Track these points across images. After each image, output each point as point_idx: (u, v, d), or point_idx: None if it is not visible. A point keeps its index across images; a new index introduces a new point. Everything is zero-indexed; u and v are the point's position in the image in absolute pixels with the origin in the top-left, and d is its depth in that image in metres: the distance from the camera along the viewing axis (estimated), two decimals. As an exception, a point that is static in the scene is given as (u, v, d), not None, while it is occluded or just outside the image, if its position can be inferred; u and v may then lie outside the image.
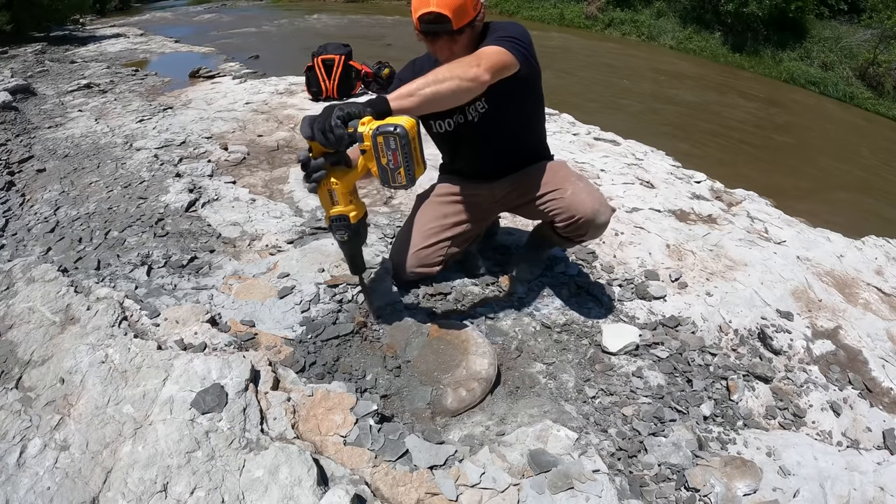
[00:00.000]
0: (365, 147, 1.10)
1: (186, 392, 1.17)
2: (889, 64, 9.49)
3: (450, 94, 1.23)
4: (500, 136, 1.61)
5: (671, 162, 3.33)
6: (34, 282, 1.55)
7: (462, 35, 1.39)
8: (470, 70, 1.24)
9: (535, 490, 1.09)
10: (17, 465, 1.03)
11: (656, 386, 1.45)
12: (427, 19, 1.35)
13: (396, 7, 15.49)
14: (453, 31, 1.36)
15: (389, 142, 1.08)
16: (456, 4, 1.33)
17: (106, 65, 5.82)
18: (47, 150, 2.94)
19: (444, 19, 1.33)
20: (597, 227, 1.59)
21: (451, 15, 1.33)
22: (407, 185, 1.14)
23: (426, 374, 1.41)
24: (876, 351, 1.70)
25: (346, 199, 1.23)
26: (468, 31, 1.41)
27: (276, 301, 1.63)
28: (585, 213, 1.54)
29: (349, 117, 1.11)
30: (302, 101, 4.05)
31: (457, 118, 1.58)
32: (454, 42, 1.41)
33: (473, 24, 1.40)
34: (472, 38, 1.45)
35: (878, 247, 2.42)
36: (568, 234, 1.64)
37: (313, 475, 1.02)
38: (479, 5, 1.41)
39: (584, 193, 1.56)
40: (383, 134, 1.08)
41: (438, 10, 1.32)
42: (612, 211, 1.62)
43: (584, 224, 1.56)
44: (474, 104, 1.55)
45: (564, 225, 1.58)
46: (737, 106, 7.97)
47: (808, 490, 1.16)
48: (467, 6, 1.36)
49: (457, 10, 1.34)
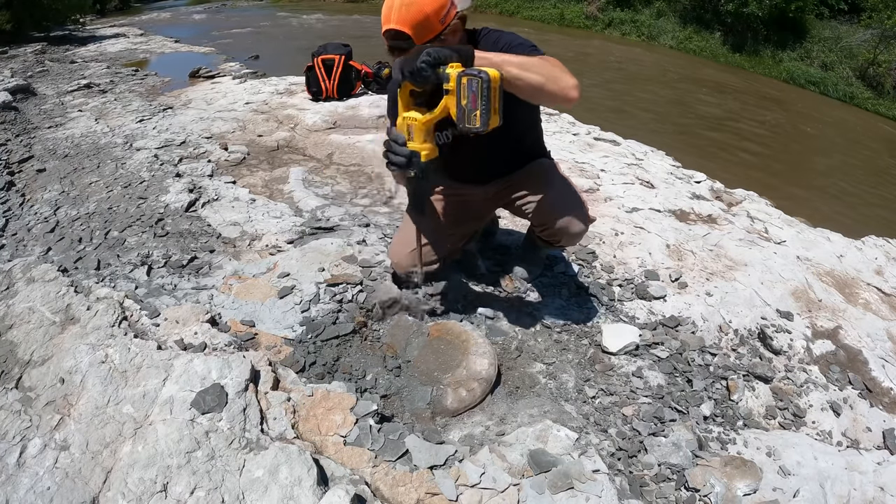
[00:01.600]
0: (449, 87, 1.17)
1: (186, 392, 1.17)
2: (889, 64, 9.49)
3: (531, 87, 1.24)
4: (501, 143, 1.59)
5: (671, 162, 3.33)
6: (34, 282, 1.55)
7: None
8: (568, 80, 1.25)
9: (535, 490, 1.09)
10: (17, 465, 1.03)
11: (656, 386, 1.45)
12: (389, 36, 1.31)
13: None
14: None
15: (472, 84, 1.14)
16: (416, 21, 1.27)
17: (106, 65, 5.82)
18: (47, 150, 2.94)
19: (405, 36, 1.28)
20: (570, 236, 1.59)
21: (412, 32, 1.28)
22: (480, 128, 1.19)
23: (426, 374, 1.41)
24: (876, 351, 1.70)
25: (421, 138, 1.29)
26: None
27: (276, 301, 1.63)
28: (558, 222, 1.54)
29: (437, 61, 1.18)
30: (302, 101, 4.05)
31: (454, 131, 1.55)
32: None
33: (442, 39, 1.32)
34: None
35: (878, 247, 2.42)
36: (546, 239, 1.65)
37: (313, 475, 1.02)
38: (449, 17, 1.32)
39: (560, 201, 1.55)
40: (468, 76, 1.14)
41: (397, 28, 1.28)
42: (590, 221, 1.62)
43: (558, 232, 1.57)
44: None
45: (540, 230, 1.60)
46: (736, 106, 7.97)
47: (808, 490, 1.16)
48: (430, 21, 1.29)
49: (417, 26, 1.28)
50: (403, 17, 1.27)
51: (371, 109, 3.83)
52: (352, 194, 2.59)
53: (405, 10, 1.27)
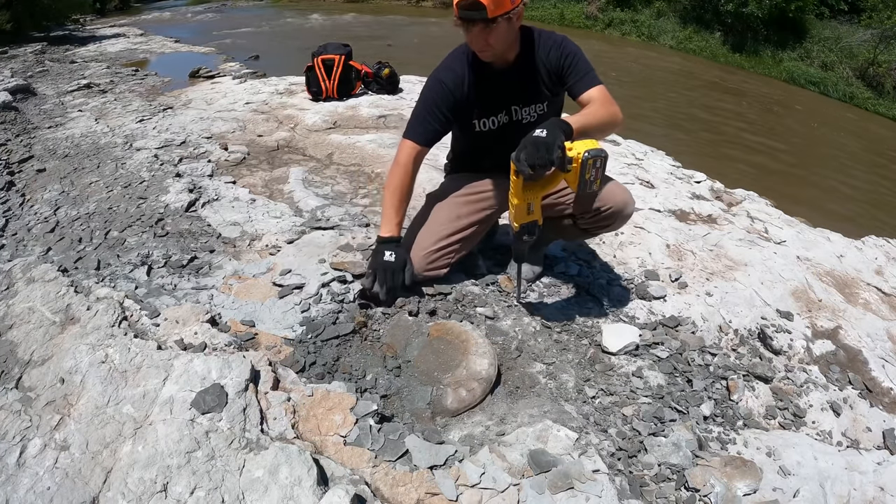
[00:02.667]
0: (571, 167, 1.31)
1: (186, 392, 1.17)
2: (889, 64, 9.49)
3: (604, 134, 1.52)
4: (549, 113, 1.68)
5: (671, 162, 3.33)
6: (34, 282, 1.55)
7: (496, 25, 1.42)
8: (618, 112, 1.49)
9: (535, 490, 1.09)
10: (17, 465, 1.03)
11: (656, 386, 1.45)
12: (464, 5, 1.39)
13: (396, 7, 15.49)
14: (488, 20, 1.40)
15: (597, 162, 1.30)
16: None
17: (106, 65, 5.82)
18: (47, 150, 2.94)
19: (480, 6, 1.37)
20: (624, 218, 1.65)
21: (488, 2, 1.36)
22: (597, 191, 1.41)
23: (426, 374, 1.41)
24: (876, 351, 1.70)
25: (539, 210, 1.47)
26: (503, 23, 1.43)
27: (276, 301, 1.63)
28: (616, 204, 1.59)
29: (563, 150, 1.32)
30: (302, 101, 4.05)
31: (501, 118, 1.64)
32: (489, 32, 1.44)
33: (509, 16, 1.43)
34: (508, 31, 1.48)
35: (878, 247, 2.42)
36: (589, 225, 1.67)
37: (313, 475, 1.02)
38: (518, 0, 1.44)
39: (614, 185, 1.63)
40: (594, 157, 1.29)
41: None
42: (634, 205, 1.69)
43: (613, 214, 1.61)
44: (534, 106, 1.63)
45: (588, 217, 1.63)
46: (736, 106, 7.97)
47: (808, 490, 1.16)
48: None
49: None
50: None
51: (371, 109, 3.83)
52: (352, 194, 2.59)
53: None
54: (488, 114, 1.64)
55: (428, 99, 1.61)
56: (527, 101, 1.63)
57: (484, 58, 1.54)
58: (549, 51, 1.57)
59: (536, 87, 1.61)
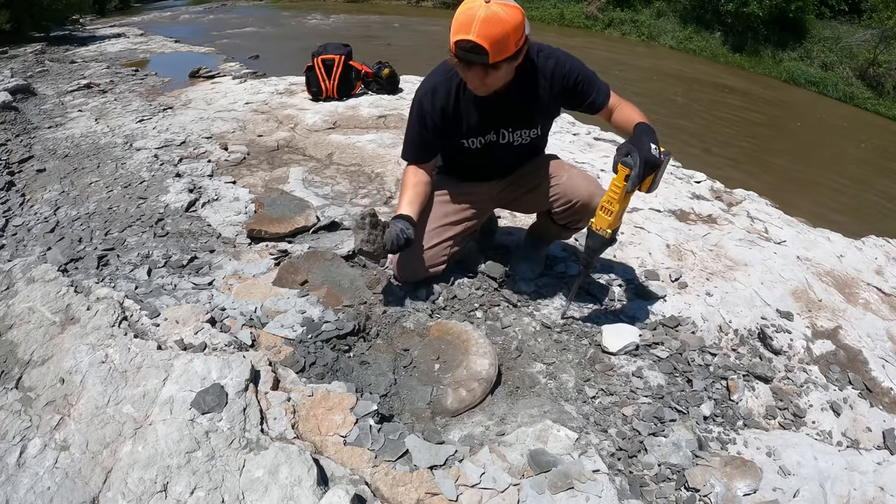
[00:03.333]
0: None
1: (186, 392, 1.17)
2: (889, 64, 9.49)
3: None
4: (525, 150, 1.66)
5: (671, 162, 3.33)
6: (34, 282, 1.55)
7: (497, 70, 1.35)
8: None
9: (535, 490, 1.09)
10: (17, 465, 1.03)
11: (656, 386, 1.45)
12: (464, 46, 1.30)
13: (396, 7, 15.49)
14: (488, 65, 1.32)
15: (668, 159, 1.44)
16: (498, 37, 1.27)
17: (106, 65, 5.81)
18: (47, 150, 2.94)
19: (482, 51, 1.28)
20: (592, 212, 1.62)
21: (490, 48, 1.27)
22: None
23: (426, 374, 1.41)
24: (876, 351, 1.70)
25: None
26: (505, 66, 1.35)
27: (277, 301, 1.63)
28: (581, 197, 1.60)
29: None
30: (302, 101, 4.05)
31: (489, 137, 1.60)
32: (486, 74, 1.36)
33: (513, 59, 1.35)
34: (508, 72, 1.41)
35: (878, 247, 2.42)
36: (565, 221, 1.68)
37: (313, 475, 1.02)
38: (523, 41, 1.35)
39: (579, 178, 1.63)
40: (668, 155, 1.43)
41: (477, 42, 1.27)
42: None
43: (581, 208, 1.62)
44: (525, 131, 1.59)
45: (562, 210, 1.63)
46: (734, 105, 7.97)
47: (808, 490, 1.16)
48: (509, 41, 1.30)
49: (497, 43, 1.28)
50: (486, 33, 1.26)
51: (371, 109, 3.83)
52: (352, 194, 2.59)
53: (490, 25, 1.26)
54: (475, 134, 1.60)
55: (412, 122, 1.60)
56: (517, 125, 1.59)
57: (479, 93, 1.47)
58: (551, 75, 1.50)
59: (530, 113, 1.57)
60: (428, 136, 1.59)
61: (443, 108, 1.53)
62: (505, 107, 1.53)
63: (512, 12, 1.29)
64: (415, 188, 1.61)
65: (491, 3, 1.27)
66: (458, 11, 1.31)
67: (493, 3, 1.27)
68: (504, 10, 1.27)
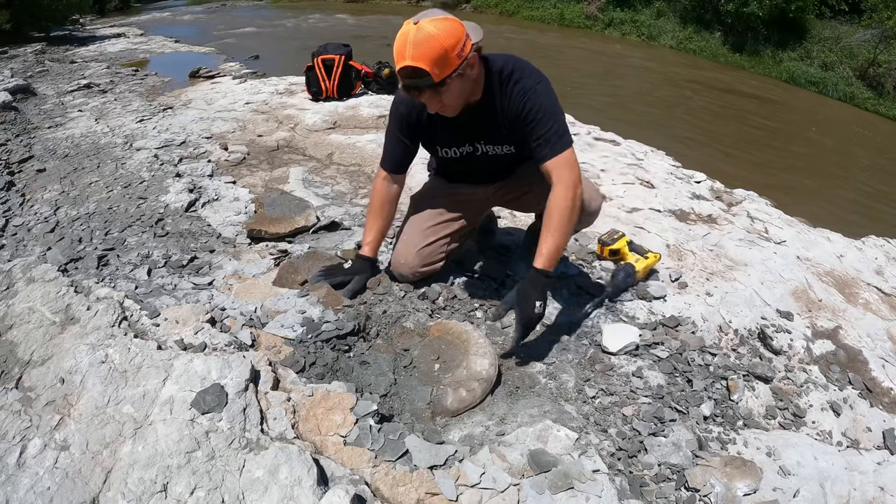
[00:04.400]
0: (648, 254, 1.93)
1: (186, 392, 1.17)
2: (889, 64, 9.49)
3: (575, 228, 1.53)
4: (510, 159, 1.63)
5: (671, 162, 3.33)
6: (34, 282, 1.55)
7: (446, 87, 1.30)
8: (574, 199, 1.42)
9: (535, 490, 1.09)
10: (17, 465, 1.03)
11: (656, 386, 1.45)
12: (406, 73, 1.27)
13: (396, 7, 15.49)
14: (436, 85, 1.28)
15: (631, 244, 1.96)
16: (434, 56, 1.23)
17: (106, 65, 5.81)
18: (47, 150, 2.94)
19: (423, 73, 1.25)
20: (589, 215, 1.63)
21: (429, 68, 1.24)
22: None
23: (426, 374, 1.41)
24: (876, 351, 1.70)
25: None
26: (454, 82, 1.31)
27: (277, 301, 1.63)
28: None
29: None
30: (302, 101, 4.05)
31: (465, 149, 1.58)
32: (440, 94, 1.33)
33: (461, 73, 1.30)
34: (464, 85, 1.36)
35: (878, 247, 2.42)
36: None
37: (313, 475, 1.02)
38: (466, 50, 1.29)
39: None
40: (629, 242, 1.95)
41: (415, 65, 1.24)
42: (603, 198, 1.66)
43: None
44: (501, 146, 1.56)
45: None
46: (735, 106, 7.97)
47: (808, 490, 1.16)
48: (449, 56, 1.25)
49: (435, 61, 1.24)
50: (421, 54, 1.23)
51: (371, 109, 3.83)
52: (352, 194, 2.59)
53: (422, 46, 1.23)
54: (450, 144, 1.58)
55: (390, 125, 1.59)
56: (491, 140, 1.56)
57: (446, 115, 1.43)
58: (510, 100, 1.43)
59: (499, 131, 1.52)
60: (405, 142, 1.57)
61: (418, 115, 1.51)
62: (474, 122, 1.50)
63: (443, 25, 1.25)
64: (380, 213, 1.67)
65: (420, 23, 1.24)
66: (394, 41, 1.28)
67: (423, 22, 1.24)
68: (434, 25, 1.24)
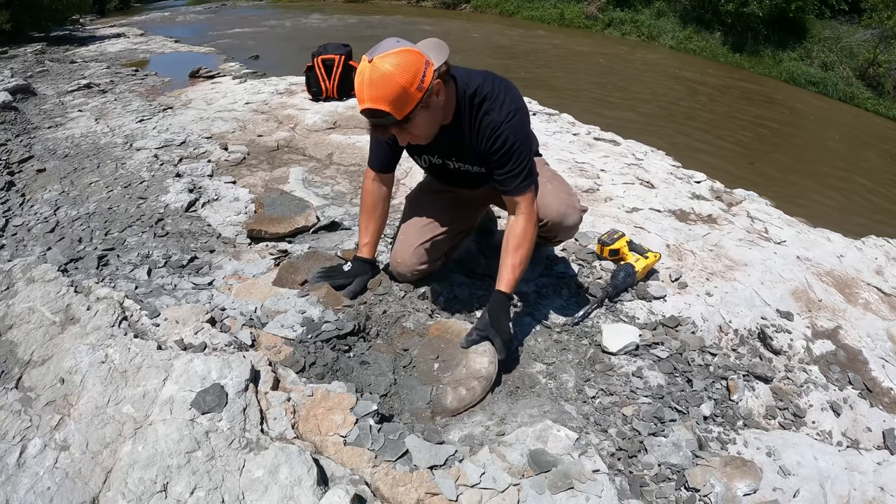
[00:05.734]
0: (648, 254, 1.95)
1: (186, 392, 1.17)
2: (889, 64, 9.49)
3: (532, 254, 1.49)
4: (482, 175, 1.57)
5: (671, 162, 3.33)
6: (34, 282, 1.55)
7: (411, 122, 1.26)
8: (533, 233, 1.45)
9: (535, 490, 1.09)
10: (17, 465, 1.03)
11: (656, 386, 1.45)
12: (368, 115, 1.24)
13: (396, 7, 15.49)
14: (399, 122, 1.25)
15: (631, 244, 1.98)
16: (392, 96, 1.19)
17: (106, 65, 5.81)
18: (47, 150, 2.94)
19: (384, 114, 1.22)
20: (566, 230, 1.62)
21: (390, 109, 1.21)
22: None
23: (426, 374, 1.41)
24: (876, 351, 1.70)
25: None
26: (419, 114, 1.26)
27: (277, 301, 1.63)
28: (551, 217, 1.55)
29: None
30: (302, 101, 4.05)
31: (436, 160, 1.57)
32: (408, 128, 1.29)
33: (424, 105, 1.25)
34: (432, 114, 1.31)
35: (878, 247, 2.42)
36: (542, 235, 1.63)
37: (313, 475, 1.02)
38: (426, 81, 1.23)
39: (550, 196, 1.56)
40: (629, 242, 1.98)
41: (374, 107, 1.21)
42: (583, 211, 1.65)
43: (553, 227, 1.58)
44: (472, 166, 1.53)
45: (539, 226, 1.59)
46: (735, 106, 7.97)
47: (808, 490, 1.16)
48: (408, 92, 1.20)
49: (394, 101, 1.20)
50: (378, 95, 1.20)
51: (371, 109, 3.83)
52: (352, 194, 2.59)
53: (378, 87, 1.19)
54: (424, 154, 1.57)
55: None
56: (461, 159, 1.53)
57: (421, 143, 1.40)
58: (479, 131, 1.40)
59: (468, 154, 1.49)
60: (388, 142, 1.55)
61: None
62: (445, 141, 1.46)
63: (398, 60, 1.19)
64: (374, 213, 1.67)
65: (374, 61, 1.19)
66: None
67: (376, 60, 1.19)
68: (388, 62, 1.19)
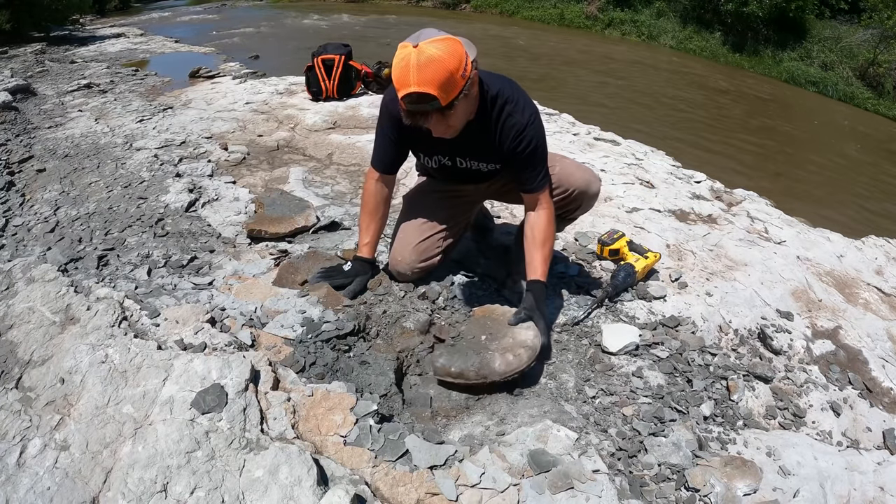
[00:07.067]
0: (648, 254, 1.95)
1: (186, 392, 1.17)
2: (889, 64, 9.49)
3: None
4: (490, 173, 1.61)
5: (671, 162, 3.33)
6: (34, 282, 1.55)
7: (453, 110, 1.27)
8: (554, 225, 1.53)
9: (535, 490, 1.09)
10: (17, 465, 1.03)
11: (656, 386, 1.45)
12: (412, 99, 1.22)
13: (396, 7, 15.49)
14: (443, 108, 1.24)
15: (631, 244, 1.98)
16: (441, 80, 1.19)
17: (106, 65, 5.81)
18: (47, 150, 2.94)
19: (430, 98, 1.21)
20: (590, 198, 1.67)
21: (437, 92, 1.20)
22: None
23: (474, 344, 1.44)
24: (876, 351, 1.70)
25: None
26: (460, 103, 1.27)
27: (277, 301, 1.63)
28: (578, 185, 1.62)
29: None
30: (302, 101, 4.05)
31: (444, 161, 1.58)
32: (448, 117, 1.29)
33: (465, 93, 1.26)
34: (468, 104, 1.34)
35: (878, 247, 2.42)
36: (562, 210, 1.65)
37: (313, 475, 1.02)
38: (468, 70, 1.25)
39: (573, 167, 1.64)
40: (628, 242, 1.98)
41: (422, 91, 1.19)
42: (600, 181, 1.70)
43: (578, 196, 1.64)
44: (483, 163, 1.55)
45: (558, 199, 1.61)
46: (735, 105, 7.97)
47: (808, 490, 1.16)
48: (454, 78, 1.21)
49: (443, 85, 1.20)
50: (427, 79, 1.19)
51: (371, 109, 3.83)
52: (352, 194, 2.59)
53: (428, 69, 1.19)
54: (430, 154, 1.58)
55: (379, 126, 1.58)
56: (477, 157, 1.54)
57: (448, 137, 1.40)
58: (502, 131, 1.44)
59: (488, 149, 1.51)
60: (392, 141, 1.56)
61: (401, 119, 1.46)
62: (465, 139, 1.46)
63: (444, 46, 1.21)
64: (375, 213, 1.67)
65: (420, 46, 1.19)
66: (393, 66, 1.24)
67: (423, 44, 1.19)
68: (436, 47, 1.19)
